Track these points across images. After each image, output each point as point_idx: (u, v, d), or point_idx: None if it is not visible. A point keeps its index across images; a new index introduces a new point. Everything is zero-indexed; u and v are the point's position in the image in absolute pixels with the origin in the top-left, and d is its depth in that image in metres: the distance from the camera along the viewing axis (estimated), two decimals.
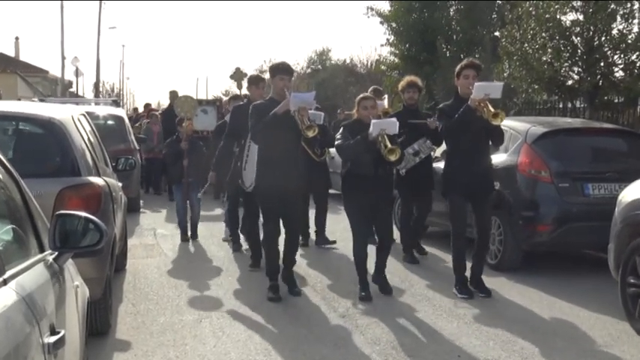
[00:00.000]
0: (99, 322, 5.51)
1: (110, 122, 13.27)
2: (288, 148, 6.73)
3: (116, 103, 16.85)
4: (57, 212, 2.88)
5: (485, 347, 5.47)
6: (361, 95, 7.24)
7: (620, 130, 9.56)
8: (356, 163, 6.82)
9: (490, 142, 7.10)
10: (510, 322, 6.12)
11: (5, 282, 2.20)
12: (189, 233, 10.20)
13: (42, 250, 2.87)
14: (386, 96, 8.80)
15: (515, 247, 7.96)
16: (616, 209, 6.23)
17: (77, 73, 43.57)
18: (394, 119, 6.88)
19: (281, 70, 6.94)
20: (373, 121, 6.60)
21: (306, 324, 6.11)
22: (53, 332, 2.39)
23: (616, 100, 14.64)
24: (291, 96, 6.50)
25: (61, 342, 2.36)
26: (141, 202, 13.85)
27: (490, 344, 5.54)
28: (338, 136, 6.96)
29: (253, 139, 6.98)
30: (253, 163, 7.30)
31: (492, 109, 6.57)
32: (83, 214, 2.98)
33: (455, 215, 7.08)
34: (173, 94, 15.94)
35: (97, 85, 48.45)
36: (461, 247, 7.08)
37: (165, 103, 21.92)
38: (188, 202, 10.15)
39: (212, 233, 10.57)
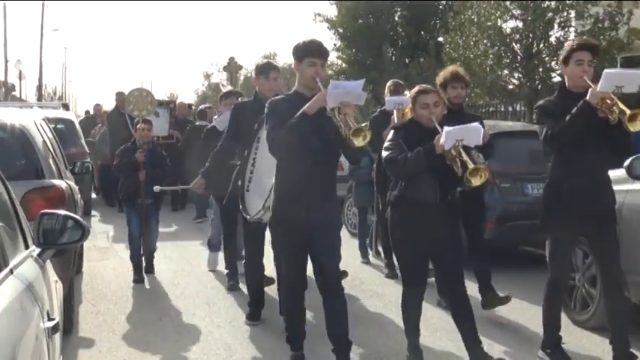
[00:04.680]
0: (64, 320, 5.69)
1: (60, 126, 13.24)
2: (321, 162, 4.77)
3: (66, 107, 16.75)
4: (41, 211, 3.10)
5: (432, 338, 5.81)
6: (418, 88, 5.03)
7: None
8: (413, 185, 4.85)
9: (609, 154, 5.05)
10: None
11: (11, 271, 2.43)
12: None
13: (27, 246, 3.09)
14: (407, 92, 7.72)
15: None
16: None
17: (20, 76, 42.87)
18: (478, 125, 4.87)
19: (311, 51, 4.78)
20: (447, 128, 4.59)
21: (264, 321, 6.36)
22: (49, 319, 2.63)
23: None
24: (329, 87, 4.52)
25: (56, 327, 2.60)
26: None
27: (437, 334, 5.89)
28: (387, 144, 4.93)
29: (272, 150, 4.72)
30: (260, 182, 5.59)
31: (627, 109, 4.57)
32: (64, 212, 3.20)
33: (557, 255, 5.18)
34: (120, 96, 14.13)
35: (39, 89, 47.78)
36: (558, 299, 5.34)
37: (108, 106, 18.20)
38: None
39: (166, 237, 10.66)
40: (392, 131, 5.06)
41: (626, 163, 5.30)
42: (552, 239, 5.19)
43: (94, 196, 14.94)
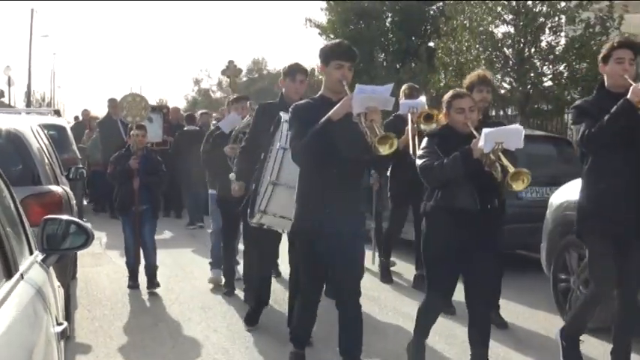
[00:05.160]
0: None
1: (52, 132, 13.22)
2: (347, 171, 4.55)
3: (57, 113, 16.70)
4: (45, 217, 3.10)
5: (431, 342, 5.83)
6: (453, 92, 4.83)
7: (550, 136, 10.18)
8: (451, 193, 4.59)
9: None
10: (453, 318, 6.49)
11: (22, 276, 2.44)
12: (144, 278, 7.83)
13: (30, 252, 3.10)
14: (423, 96, 7.36)
15: None
16: (547, 211, 6.69)
17: (10, 82, 42.70)
18: (519, 126, 4.72)
19: (338, 53, 4.60)
20: (486, 130, 4.35)
21: (261, 325, 6.36)
22: (58, 324, 2.63)
23: (545, 108, 15.35)
24: (355, 92, 4.32)
25: (65, 332, 2.61)
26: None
27: (436, 338, 5.91)
28: (420, 151, 4.74)
29: (296, 157, 4.57)
30: (263, 184, 5.43)
31: None
32: (66, 217, 3.21)
33: (597, 266, 4.79)
34: (112, 103, 13.75)
35: (28, 95, 47.59)
36: (590, 312, 4.95)
37: (99, 113, 17.79)
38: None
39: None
40: (426, 138, 4.81)
41: None
42: (591, 248, 4.85)
43: (84, 202, 14.89)
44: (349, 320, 4.70)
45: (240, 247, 7.66)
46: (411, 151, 5.89)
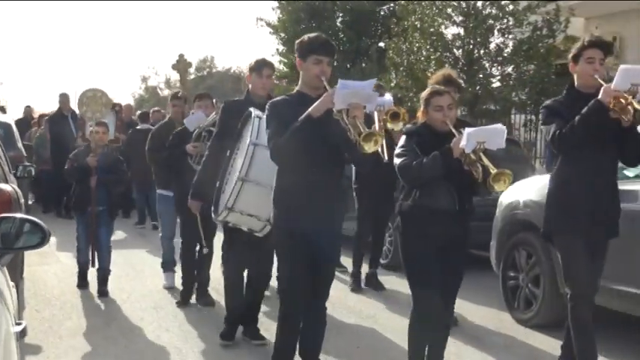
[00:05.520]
0: None
1: None
2: (327, 169, 4.42)
3: (2, 110, 16.36)
4: (0, 215, 3.04)
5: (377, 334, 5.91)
6: (431, 89, 4.66)
7: None
8: (430, 193, 4.45)
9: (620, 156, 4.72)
10: (403, 314, 6.57)
11: None
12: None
13: None
14: (389, 94, 7.31)
15: None
16: (497, 210, 6.83)
17: None
18: (501, 125, 4.56)
19: (316, 47, 4.41)
20: (468, 129, 4.29)
21: (212, 323, 6.34)
22: (17, 323, 2.59)
23: (493, 109, 15.59)
24: (337, 87, 4.15)
25: (24, 332, 2.56)
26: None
27: (388, 334, 5.98)
28: (399, 150, 4.58)
29: (275, 155, 4.34)
30: (230, 181, 5.23)
31: None
32: (20, 215, 3.15)
33: (572, 268, 4.65)
34: (64, 98, 13.60)
35: None
36: (586, 317, 4.63)
37: (43, 109, 17.09)
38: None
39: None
40: (404, 137, 4.65)
41: None
42: (563, 251, 4.71)
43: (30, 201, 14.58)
44: (315, 319, 4.62)
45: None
46: (379, 150, 5.84)
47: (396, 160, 4.52)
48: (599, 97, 4.36)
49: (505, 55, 14.43)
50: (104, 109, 7.96)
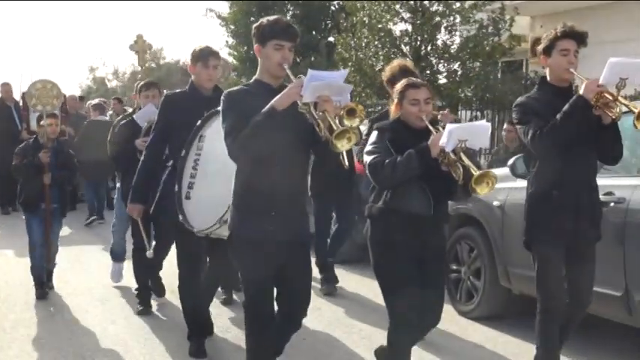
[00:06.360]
0: None
1: None
2: (291, 167, 3.92)
3: None
4: None
5: (328, 329, 5.99)
6: (406, 81, 4.24)
7: None
8: (402, 195, 4.08)
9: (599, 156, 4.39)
10: (351, 307, 6.67)
11: None
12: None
13: None
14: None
15: (353, 242, 8.52)
16: None
17: None
18: (486, 123, 4.33)
19: (277, 32, 3.90)
20: (450, 126, 3.87)
21: (158, 315, 6.36)
22: None
23: (440, 105, 15.83)
24: (306, 78, 3.66)
25: None
26: None
27: (332, 327, 6.07)
28: (369, 147, 4.19)
29: (234, 153, 3.78)
30: (209, 191, 4.62)
31: (634, 105, 3.95)
32: None
33: (546, 277, 4.35)
34: (6, 87, 13.03)
35: None
36: (553, 331, 4.39)
37: None
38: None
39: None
40: (375, 132, 4.22)
41: (510, 162, 5.65)
42: (541, 260, 4.37)
43: None
44: (291, 329, 4.15)
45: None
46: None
47: (366, 158, 4.12)
48: (581, 92, 4.03)
49: (452, 52, 14.67)
50: (55, 101, 7.59)
